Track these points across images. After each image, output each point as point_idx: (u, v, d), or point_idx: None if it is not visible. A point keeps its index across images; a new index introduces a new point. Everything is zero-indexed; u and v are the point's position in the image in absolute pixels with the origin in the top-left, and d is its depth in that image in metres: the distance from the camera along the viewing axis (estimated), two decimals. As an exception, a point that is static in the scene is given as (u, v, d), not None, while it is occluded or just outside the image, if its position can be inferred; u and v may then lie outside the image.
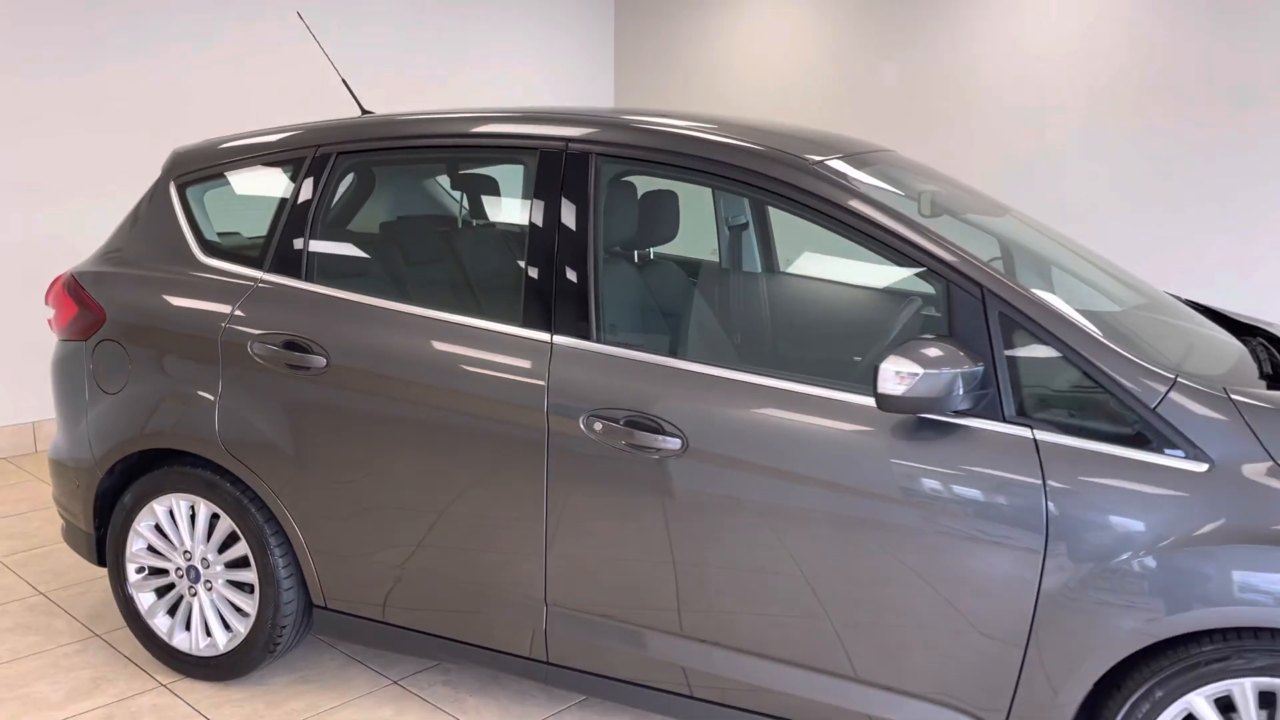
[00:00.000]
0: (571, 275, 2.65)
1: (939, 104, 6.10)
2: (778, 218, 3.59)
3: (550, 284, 2.66)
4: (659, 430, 2.50)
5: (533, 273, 2.69)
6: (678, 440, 2.48)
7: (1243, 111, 5.05)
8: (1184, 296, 3.36)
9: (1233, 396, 2.21)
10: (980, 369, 2.23)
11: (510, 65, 7.12)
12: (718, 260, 3.25)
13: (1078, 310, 2.37)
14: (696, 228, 3.42)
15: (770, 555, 2.45)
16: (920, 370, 2.17)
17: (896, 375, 2.17)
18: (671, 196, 2.91)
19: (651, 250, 3.31)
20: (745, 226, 3.57)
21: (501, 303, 2.75)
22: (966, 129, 6.00)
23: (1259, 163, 5.04)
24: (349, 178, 3.03)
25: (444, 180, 3.25)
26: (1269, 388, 2.39)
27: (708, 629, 2.55)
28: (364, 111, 3.41)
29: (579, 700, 3.09)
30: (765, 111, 6.86)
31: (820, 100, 6.59)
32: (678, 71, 7.33)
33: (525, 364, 2.65)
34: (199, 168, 3.24)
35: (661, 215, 2.95)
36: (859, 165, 2.72)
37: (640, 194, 2.83)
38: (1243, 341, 2.82)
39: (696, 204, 3.36)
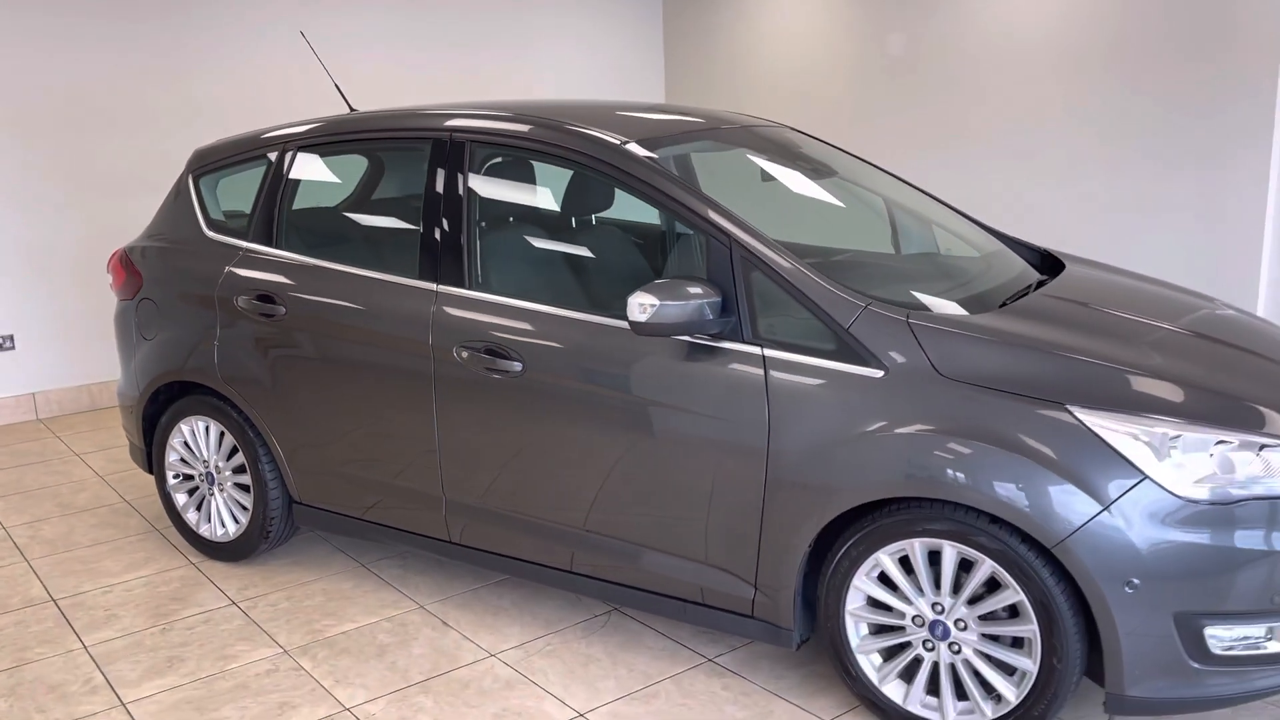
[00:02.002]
0: (452, 237, 3.39)
1: (939, 70, 6.50)
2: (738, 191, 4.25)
3: (436, 244, 3.42)
4: (506, 356, 3.22)
5: (425, 236, 3.44)
6: (519, 364, 3.20)
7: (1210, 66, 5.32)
8: (1041, 245, 3.84)
9: (910, 320, 2.76)
10: (711, 300, 2.84)
11: (564, 59, 7.87)
12: (572, 219, 3.85)
13: (843, 248, 2.96)
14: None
15: (588, 452, 3.13)
16: (658, 301, 2.80)
17: (640, 306, 2.82)
18: (539, 169, 3.59)
19: (594, 217, 3.95)
20: None
21: (407, 260, 3.50)
22: (964, 93, 6.39)
23: (1227, 120, 5.29)
24: (303, 165, 3.84)
25: (371, 163, 4.03)
26: (999, 308, 2.92)
27: (553, 511, 3.26)
28: (351, 110, 4.23)
29: (501, 578, 3.85)
30: (794, 86, 7.40)
31: (840, 72, 7.07)
32: (722, 56, 7.92)
33: (418, 307, 3.41)
34: (209, 162, 4.13)
35: (541, 189, 3.63)
36: (711, 139, 3.38)
37: (508, 170, 3.52)
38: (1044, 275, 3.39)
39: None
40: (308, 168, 3.84)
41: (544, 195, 3.61)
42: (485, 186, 3.42)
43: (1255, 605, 2.51)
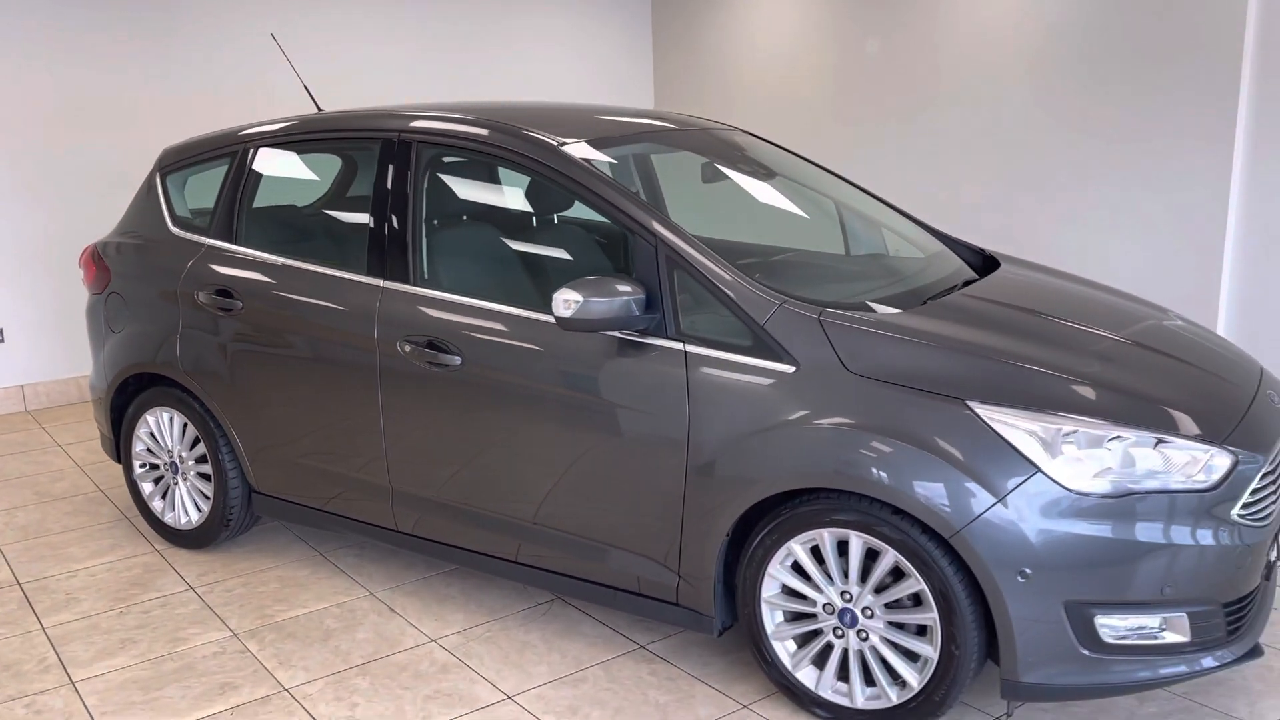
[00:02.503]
0: (398, 234, 3.50)
1: (914, 73, 6.59)
2: (680, 191, 4.36)
3: (383, 241, 3.53)
4: (446, 350, 3.33)
5: (374, 233, 3.56)
6: (459, 357, 3.31)
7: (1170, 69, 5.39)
8: (984, 246, 3.92)
9: (822, 317, 2.86)
10: (634, 297, 2.93)
11: (552, 62, 7.99)
12: (513, 218, 3.93)
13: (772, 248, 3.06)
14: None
15: (524, 445, 3.23)
16: (582, 298, 2.90)
17: (565, 302, 2.92)
18: (483, 169, 3.69)
19: (534, 215, 4.05)
20: (635, 196, 4.32)
21: (356, 256, 3.61)
22: (939, 98, 6.48)
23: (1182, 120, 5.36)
24: (262, 164, 3.96)
25: (326, 163, 4.14)
26: (919, 306, 3.02)
27: (492, 502, 3.36)
28: (319, 110, 4.35)
29: (452, 568, 3.96)
30: (780, 89, 7.50)
31: (821, 75, 7.16)
32: (710, 60, 8.02)
33: (365, 302, 3.52)
34: (176, 160, 4.25)
35: (482, 188, 3.73)
36: (657, 142, 3.51)
37: (452, 170, 3.63)
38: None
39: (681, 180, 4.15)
40: (266, 166, 3.96)
41: (487, 194, 3.72)
42: (430, 186, 3.53)
43: (1146, 596, 2.59)
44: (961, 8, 6.27)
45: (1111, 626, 2.61)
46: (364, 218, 3.61)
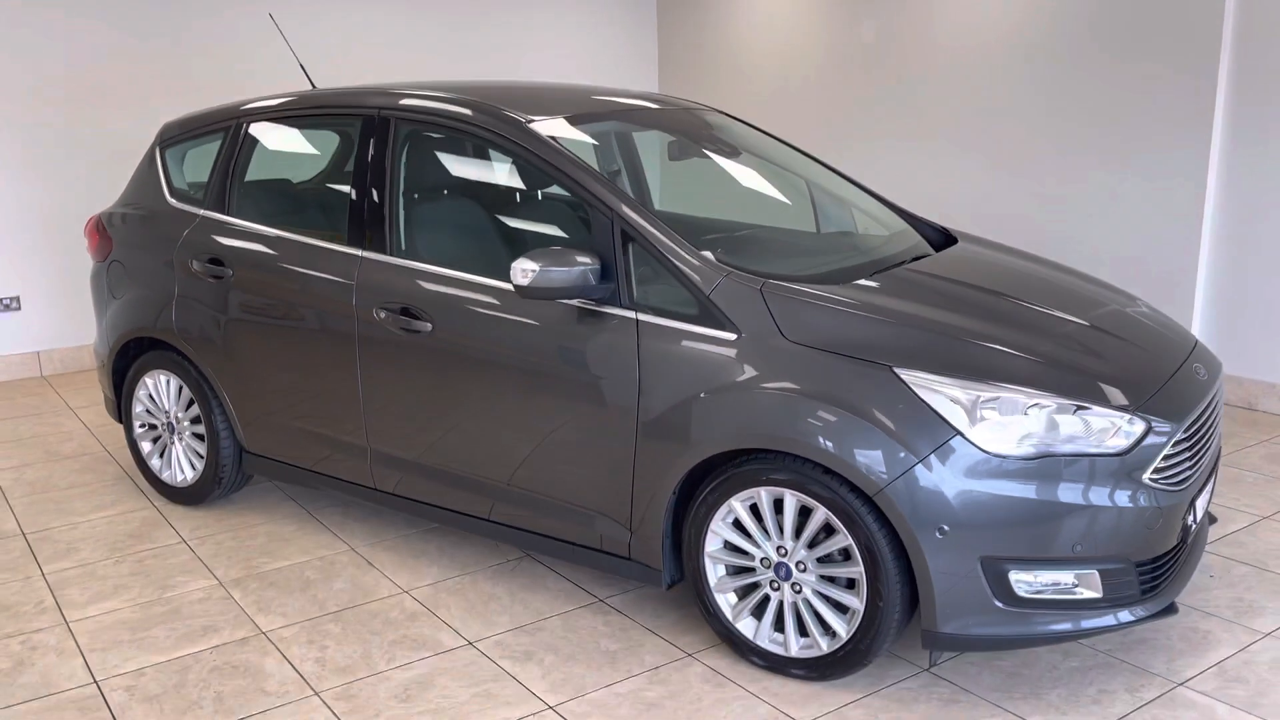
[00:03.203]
0: (376, 206, 3.68)
1: (907, 58, 6.70)
2: (649, 168, 4.53)
3: (363, 213, 3.71)
4: (418, 316, 3.52)
5: (354, 205, 3.74)
6: (430, 324, 3.50)
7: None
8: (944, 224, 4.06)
9: (763, 288, 3.02)
10: (589, 268, 3.10)
11: (558, 50, 8.14)
12: (486, 191, 4.06)
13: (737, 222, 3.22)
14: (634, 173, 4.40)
15: (490, 407, 3.42)
16: (538, 267, 3.08)
17: (522, 271, 3.09)
18: (456, 145, 3.86)
19: (505, 188, 4.21)
20: (618, 173, 4.50)
21: (338, 227, 3.80)
22: (930, 80, 6.59)
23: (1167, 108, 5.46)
24: (253, 138, 4.15)
25: (313, 137, 4.32)
26: (864, 279, 3.18)
27: (462, 462, 3.55)
28: (313, 87, 4.54)
29: (432, 526, 4.16)
30: (781, 75, 7.62)
31: (819, 59, 7.28)
32: (714, 45, 8.15)
33: (345, 271, 3.71)
34: (175, 134, 4.46)
35: (453, 163, 3.89)
36: (626, 120, 3.72)
37: (428, 145, 3.80)
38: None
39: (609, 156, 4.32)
40: (258, 141, 4.15)
41: (459, 169, 3.89)
42: (405, 160, 3.71)
43: (1057, 553, 2.75)
44: (951, -9, 6.38)
45: (1025, 581, 2.77)
46: (346, 191, 3.80)
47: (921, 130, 6.71)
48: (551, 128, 3.49)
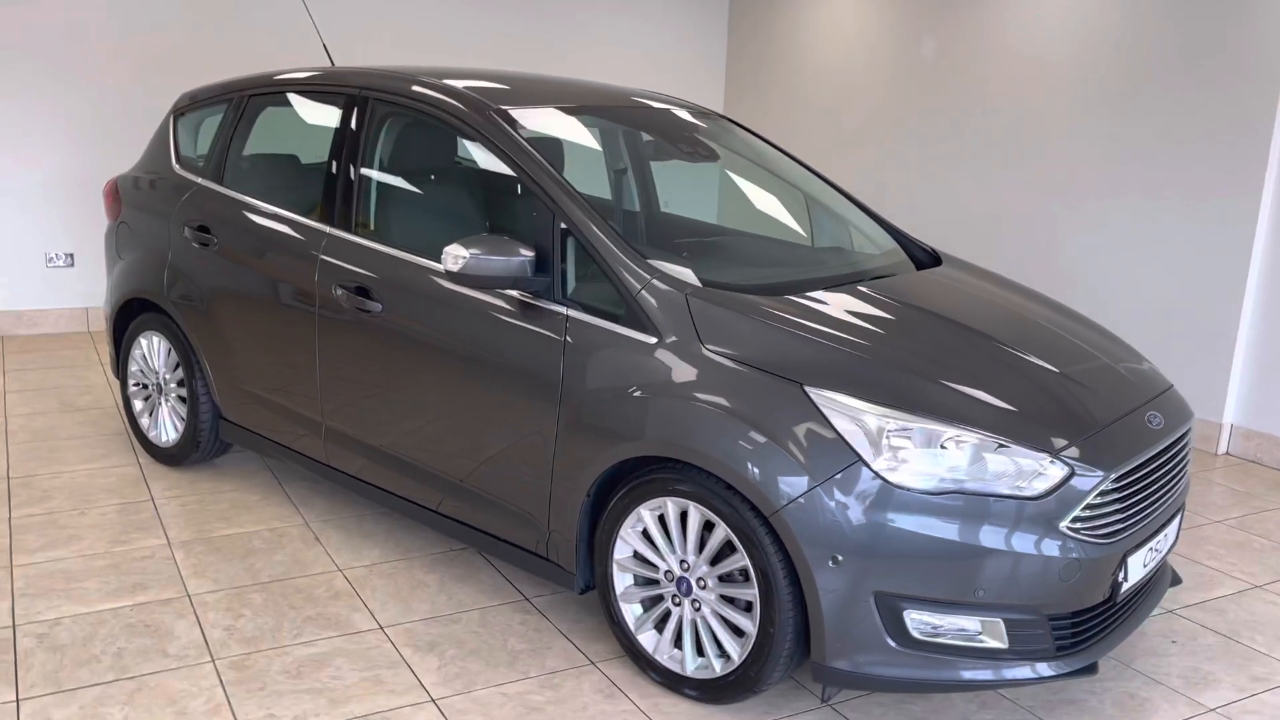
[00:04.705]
0: (346, 185, 3.70)
1: (963, 78, 6.49)
2: (656, 166, 4.47)
3: (334, 190, 3.73)
4: (371, 297, 3.52)
5: (326, 182, 3.77)
6: (380, 305, 3.49)
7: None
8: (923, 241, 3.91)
9: (689, 295, 2.92)
10: (521, 259, 3.04)
11: (625, 49, 8.13)
12: (448, 175, 4.01)
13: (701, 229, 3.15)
14: (596, 172, 4.37)
15: (428, 392, 3.39)
16: (468, 254, 3.04)
17: (453, 257, 3.06)
18: (434, 132, 3.84)
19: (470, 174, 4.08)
20: (625, 170, 4.46)
21: (311, 203, 3.83)
22: (985, 97, 6.37)
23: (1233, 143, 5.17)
24: (252, 112, 4.22)
25: (306, 114, 4.34)
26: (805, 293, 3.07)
27: (403, 447, 3.53)
28: (332, 64, 4.60)
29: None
30: (844, 85, 7.48)
31: (877, 76, 7.12)
32: (781, 56, 8.04)
33: (310, 247, 3.73)
34: (188, 104, 4.56)
35: (421, 146, 3.86)
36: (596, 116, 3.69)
37: (399, 127, 3.80)
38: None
39: (593, 153, 4.28)
40: (254, 115, 4.21)
41: (424, 152, 3.86)
42: (375, 141, 3.71)
43: (956, 596, 2.59)
44: (1012, 14, 6.15)
45: (922, 622, 2.62)
46: (322, 167, 3.82)
47: (970, 149, 6.48)
48: (524, 117, 3.45)
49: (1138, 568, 2.84)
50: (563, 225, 3.11)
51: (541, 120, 3.54)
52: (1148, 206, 5.50)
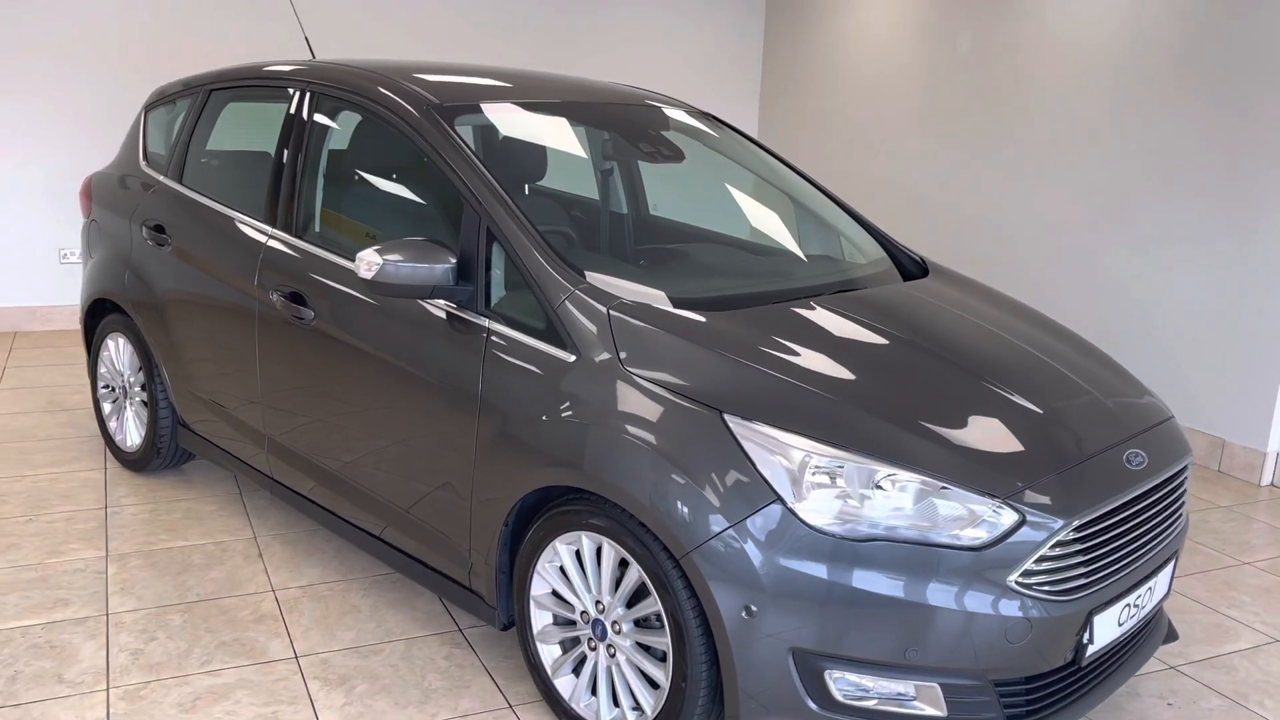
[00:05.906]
0: (288, 185, 3.50)
1: (1002, 78, 6.10)
2: (644, 165, 4.21)
3: (277, 191, 3.54)
4: (304, 303, 3.31)
5: (270, 182, 3.57)
6: (312, 312, 3.29)
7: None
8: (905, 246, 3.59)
9: (611, 310, 2.65)
10: (436, 266, 2.79)
11: (660, 49, 7.89)
12: (395, 178, 3.77)
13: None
14: (582, 173, 4.14)
15: (355, 405, 3.17)
16: (380, 261, 2.80)
17: (366, 264, 2.82)
18: (374, 129, 3.61)
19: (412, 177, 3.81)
20: (611, 171, 4.21)
21: (255, 203, 3.64)
22: (1021, 96, 5.98)
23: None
24: (212, 109, 4.05)
25: (261, 110, 4.16)
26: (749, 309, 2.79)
27: (335, 460, 3.31)
28: (313, 57, 4.42)
29: (344, 524, 3.96)
30: (877, 84, 7.14)
31: (918, 75, 6.76)
32: (818, 53, 7.72)
33: (253, 249, 3.55)
34: (157, 99, 4.42)
35: (361, 144, 3.64)
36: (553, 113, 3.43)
37: (344, 126, 3.59)
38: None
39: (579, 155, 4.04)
40: (217, 110, 4.05)
41: (363, 152, 3.63)
42: (317, 138, 3.51)
43: (884, 656, 2.29)
44: (1052, 13, 5.75)
45: (848, 683, 2.33)
46: (268, 166, 3.63)
47: (1003, 148, 6.09)
48: (472, 116, 3.23)
49: (1108, 628, 2.50)
50: (487, 229, 2.87)
51: (499, 118, 3.31)
52: (1194, 219, 5.07)
